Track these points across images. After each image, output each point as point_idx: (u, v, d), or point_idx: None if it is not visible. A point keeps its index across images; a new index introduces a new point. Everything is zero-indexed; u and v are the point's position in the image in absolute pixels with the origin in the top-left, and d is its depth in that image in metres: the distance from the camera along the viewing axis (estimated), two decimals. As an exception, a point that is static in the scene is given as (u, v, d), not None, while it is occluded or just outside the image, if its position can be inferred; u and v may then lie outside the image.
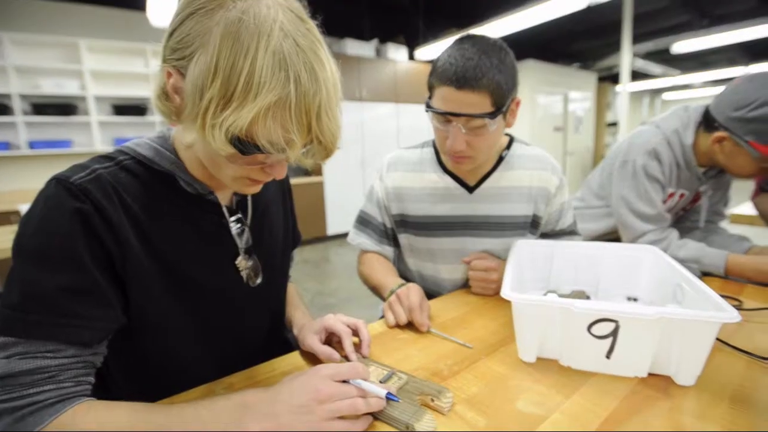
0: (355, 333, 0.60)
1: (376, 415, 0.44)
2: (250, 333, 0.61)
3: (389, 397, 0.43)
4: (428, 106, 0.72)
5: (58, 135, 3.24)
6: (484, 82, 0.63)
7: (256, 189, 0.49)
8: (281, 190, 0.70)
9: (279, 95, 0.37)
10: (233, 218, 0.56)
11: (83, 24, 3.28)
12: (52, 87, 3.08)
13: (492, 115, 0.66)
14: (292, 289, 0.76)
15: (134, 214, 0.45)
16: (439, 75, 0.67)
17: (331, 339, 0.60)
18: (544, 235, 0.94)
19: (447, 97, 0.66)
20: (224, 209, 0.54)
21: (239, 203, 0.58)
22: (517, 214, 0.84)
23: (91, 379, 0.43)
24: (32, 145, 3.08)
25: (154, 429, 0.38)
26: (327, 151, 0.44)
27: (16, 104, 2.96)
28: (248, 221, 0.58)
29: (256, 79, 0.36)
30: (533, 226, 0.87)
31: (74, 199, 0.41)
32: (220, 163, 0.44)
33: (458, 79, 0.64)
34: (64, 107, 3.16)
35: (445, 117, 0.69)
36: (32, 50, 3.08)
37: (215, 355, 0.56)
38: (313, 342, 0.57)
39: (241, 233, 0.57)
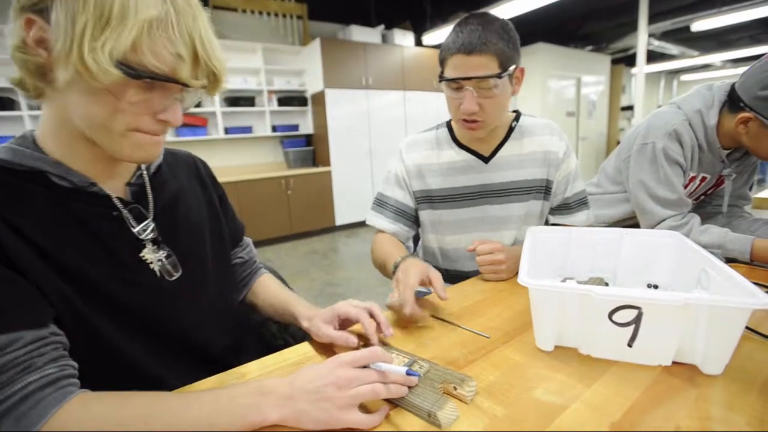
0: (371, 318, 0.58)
1: (397, 402, 0.44)
2: (197, 332, 0.56)
3: (409, 373, 0.43)
4: (441, 79, 0.78)
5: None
6: (490, 46, 0.71)
7: (154, 150, 0.46)
8: (198, 179, 0.65)
9: (158, 12, 0.38)
10: (128, 209, 0.51)
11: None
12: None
13: (498, 75, 0.73)
14: (273, 281, 0.73)
15: (7, 221, 0.40)
16: (449, 47, 0.74)
17: (345, 326, 0.59)
18: (555, 210, 0.95)
19: (458, 64, 0.73)
20: (115, 200, 0.50)
21: (136, 194, 0.53)
22: (530, 178, 0.89)
23: (73, 362, 0.41)
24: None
25: (172, 414, 0.38)
26: (217, 78, 0.44)
27: (22, 98, 2.95)
28: (150, 212, 0.54)
29: None
30: (546, 192, 0.91)
31: None
32: (105, 115, 0.40)
33: (465, 46, 0.71)
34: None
35: (458, 83, 0.75)
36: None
37: (171, 356, 0.52)
38: (328, 330, 0.55)
39: (144, 227, 0.52)
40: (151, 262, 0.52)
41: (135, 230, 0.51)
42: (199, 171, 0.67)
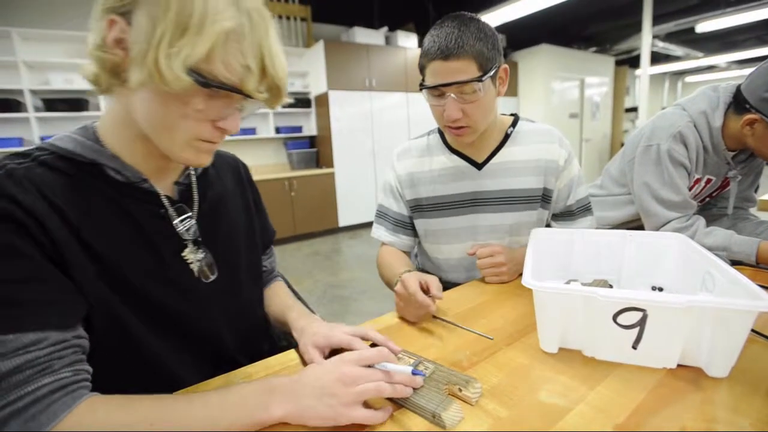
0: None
1: (402, 403, 0.44)
2: (224, 332, 0.57)
3: (415, 373, 0.43)
4: (422, 87, 0.76)
5: (70, 130, 3.28)
6: (467, 49, 0.68)
7: (208, 157, 0.48)
8: (239, 182, 0.66)
9: (235, 24, 0.39)
10: (174, 208, 0.52)
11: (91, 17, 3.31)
12: (61, 82, 3.11)
13: (479, 79, 0.70)
14: (281, 288, 0.73)
15: (59, 209, 0.41)
16: (426, 53, 0.72)
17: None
18: (557, 216, 0.93)
19: (436, 70, 0.71)
20: (163, 198, 0.51)
21: (183, 193, 0.55)
22: (526, 187, 0.85)
23: (88, 367, 0.41)
24: (44, 140, 3.10)
25: (178, 415, 0.38)
26: (280, 91, 0.45)
27: (28, 100, 3.00)
28: (194, 212, 0.55)
29: (211, 8, 0.37)
30: (545, 200, 0.88)
31: None
32: (170, 119, 0.42)
33: (442, 50, 0.69)
34: (75, 102, 3.17)
35: (439, 90, 0.73)
36: (41, 45, 3.09)
37: (191, 355, 0.53)
38: (316, 357, 0.52)
39: (186, 226, 0.53)
40: (191, 263, 0.53)
41: (179, 229, 0.52)
42: (240, 173, 0.68)
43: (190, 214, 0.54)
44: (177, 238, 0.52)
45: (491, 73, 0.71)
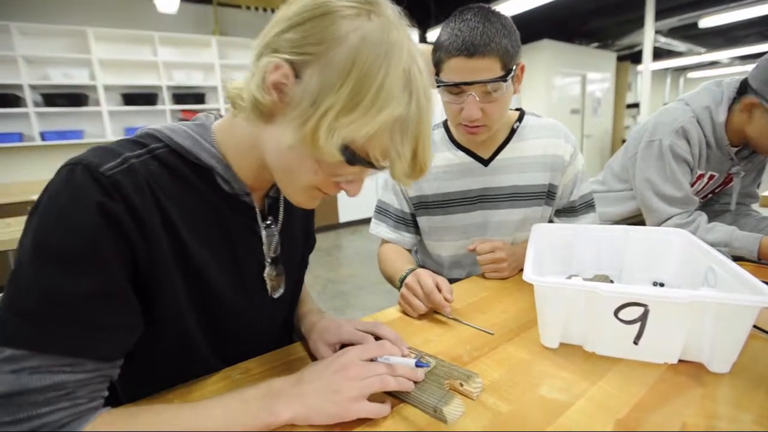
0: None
1: (403, 398, 0.44)
2: (260, 338, 0.58)
3: (419, 365, 0.43)
4: (439, 83, 0.72)
5: (69, 125, 3.26)
6: (493, 47, 0.65)
7: (318, 203, 0.47)
8: None
9: (403, 111, 0.37)
10: (265, 223, 0.52)
11: (90, 12, 3.28)
12: (61, 77, 3.09)
13: (503, 79, 0.67)
14: (303, 291, 0.73)
15: (166, 212, 0.41)
16: (448, 47, 0.68)
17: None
18: (560, 212, 0.92)
19: (458, 67, 0.67)
20: (258, 214, 0.50)
21: (271, 207, 0.54)
22: (533, 183, 0.84)
23: (106, 392, 0.39)
24: (44, 136, 3.10)
25: (183, 425, 0.37)
26: (422, 174, 0.43)
27: (27, 95, 2.98)
28: (278, 227, 0.54)
29: (386, 91, 0.36)
30: (549, 197, 0.87)
31: (103, 194, 0.36)
32: (300, 171, 0.41)
33: (467, 47, 0.65)
34: (74, 97, 3.16)
35: (459, 88, 0.69)
36: (40, 40, 3.07)
37: (221, 357, 0.53)
38: (325, 354, 0.52)
39: (270, 241, 0.53)
40: (268, 282, 0.54)
41: (265, 247, 0.52)
42: None
43: (275, 230, 0.54)
44: (261, 254, 0.52)
45: (513, 71, 0.68)
